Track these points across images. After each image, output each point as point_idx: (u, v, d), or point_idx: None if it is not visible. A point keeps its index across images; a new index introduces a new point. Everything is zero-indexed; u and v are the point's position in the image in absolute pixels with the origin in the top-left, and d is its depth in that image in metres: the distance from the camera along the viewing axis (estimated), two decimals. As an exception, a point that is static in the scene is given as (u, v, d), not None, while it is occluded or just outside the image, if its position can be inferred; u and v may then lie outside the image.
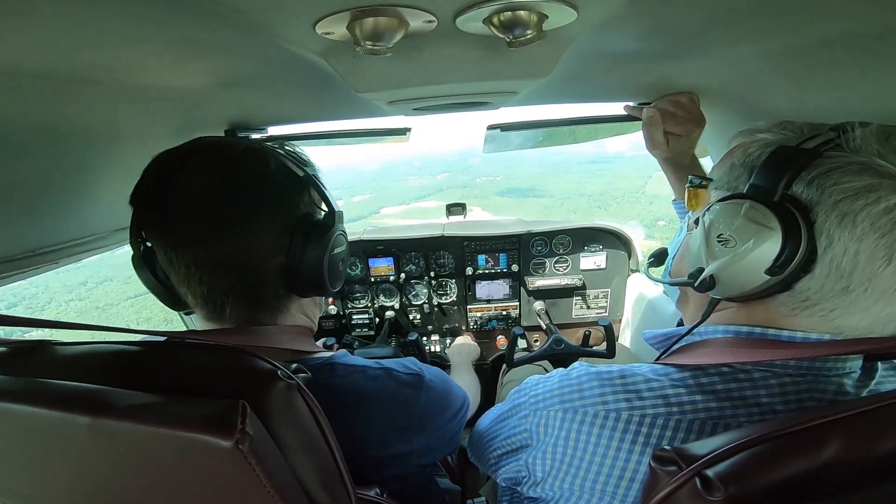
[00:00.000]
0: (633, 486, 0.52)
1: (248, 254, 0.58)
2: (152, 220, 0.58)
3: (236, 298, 0.59)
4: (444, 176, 62.71)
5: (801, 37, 0.64)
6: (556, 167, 74.16)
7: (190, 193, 0.55)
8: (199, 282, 0.58)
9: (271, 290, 0.61)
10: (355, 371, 0.64)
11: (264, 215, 0.58)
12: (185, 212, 0.55)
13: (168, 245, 0.57)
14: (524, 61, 0.65)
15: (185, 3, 0.43)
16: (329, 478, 0.47)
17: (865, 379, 0.53)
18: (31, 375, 0.44)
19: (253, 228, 0.57)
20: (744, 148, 0.55)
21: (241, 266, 0.58)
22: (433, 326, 1.92)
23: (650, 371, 0.56)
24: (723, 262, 0.51)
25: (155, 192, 0.57)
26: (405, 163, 70.33)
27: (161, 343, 0.50)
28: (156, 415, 0.38)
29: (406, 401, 0.65)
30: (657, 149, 1.02)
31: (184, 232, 0.56)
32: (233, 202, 0.56)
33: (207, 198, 0.56)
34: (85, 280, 31.28)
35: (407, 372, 0.67)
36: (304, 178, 0.61)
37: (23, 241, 0.75)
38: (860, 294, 0.45)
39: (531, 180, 66.81)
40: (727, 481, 0.36)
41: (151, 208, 0.57)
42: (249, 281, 0.59)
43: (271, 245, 0.59)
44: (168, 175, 0.57)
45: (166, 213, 0.56)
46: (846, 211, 0.44)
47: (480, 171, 74.34)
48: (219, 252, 0.56)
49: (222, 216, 0.56)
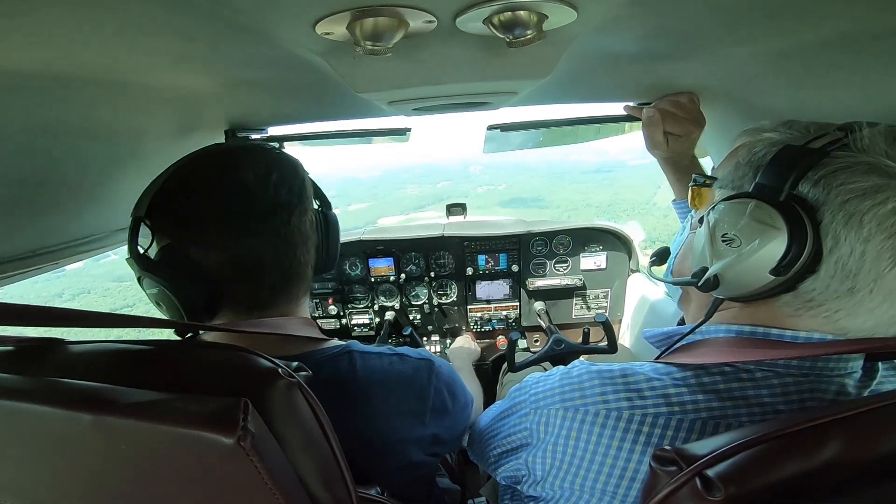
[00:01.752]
0: (634, 485, 0.52)
1: (287, 248, 0.63)
2: (190, 227, 0.59)
3: (272, 293, 0.63)
4: (444, 185, 61.83)
5: (801, 37, 0.64)
6: (561, 177, 72.49)
7: (238, 193, 0.59)
8: (233, 280, 0.60)
9: (302, 279, 0.67)
10: (371, 356, 0.66)
11: (301, 210, 0.64)
12: (232, 213, 0.58)
13: (209, 249, 0.59)
14: (524, 61, 0.65)
15: (185, 3, 0.43)
16: (330, 475, 0.47)
17: (867, 379, 0.53)
18: (40, 374, 0.44)
19: (292, 221, 0.63)
20: (749, 147, 0.54)
21: (272, 261, 0.62)
22: (433, 327, 1.92)
23: (651, 370, 0.56)
24: (727, 262, 0.51)
25: (197, 197, 0.59)
26: (405, 170, 69.02)
27: (164, 342, 0.50)
28: (158, 412, 0.38)
29: (421, 385, 0.68)
30: (657, 149, 1.02)
31: (221, 230, 0.58)
32: (276, 198, 0.61)
33: (256, 195, 0.59)
34: (61, 291, 30.70)
35: (418, 356, 0.70)
36: (301, 176, 0.67)
37: (23, 242, 0.75)
38: (866, 295, 0.45)
39: (534, 190, 65.58)
40: (727, 481, 0.36)
41: (189, 215, 0.58)
42: (286, 274, 0.64)
43: (305, 237, 0.65)
44: (208, 179, 0.60)
45: (212, 217, 0.58)
46: (853, 211, 0.43)
47: (482, 180, 72.93)
48: (247, 252, 0.59)
49: (267, 212, 0.60)
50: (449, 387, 0.72)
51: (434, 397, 0.68)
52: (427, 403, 0.67)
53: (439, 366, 0.71)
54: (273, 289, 0.63)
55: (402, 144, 1.34)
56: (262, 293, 0.62)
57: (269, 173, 0.61)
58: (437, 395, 0.68)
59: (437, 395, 0.68)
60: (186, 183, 0.59)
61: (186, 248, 0.58)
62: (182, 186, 0.59)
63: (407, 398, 0.65)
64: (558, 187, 66.45)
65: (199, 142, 1.09)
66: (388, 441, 0.63)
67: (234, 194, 0.59)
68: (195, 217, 0.58)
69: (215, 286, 0.59)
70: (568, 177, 69.04)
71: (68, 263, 0.90)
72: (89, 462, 0.44)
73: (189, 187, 0.59)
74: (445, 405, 0.70)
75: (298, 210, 0.64)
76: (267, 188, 0.60)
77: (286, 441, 0.43)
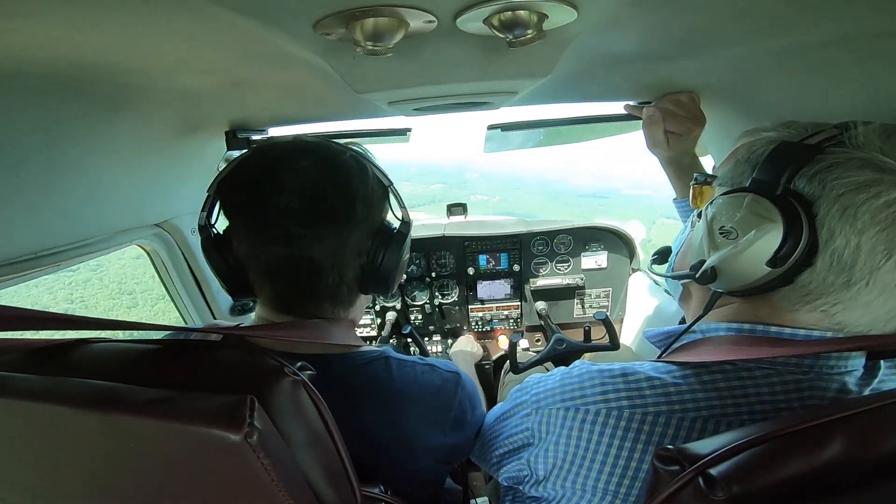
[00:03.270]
0: (636, 484, 0.52)
1: (338, 252, 0.61)
2: (251, 213, 0.59)
3: (315, 296, 0.63)
4: (438, 187, 60.58)
5: (801, 37, 0.64)
6: (557, 196, 70.59)
7: (296, 193, 0.57)
8: (283, 277, 0.61)
9: (349, 287, 0.65)
10: (407, 365, 0.67)
11: (359, 220, 0.61)
12: (287, 211, 0.57)
13: (257, 239, 0.59)
14: (524, 61, 0.65)
15: (185, 3, 0.43)
16: (334, 473, 0.47)
17: (868, 377, 0.53)
18: (50, 374, 0.44)
19: (348, 231, 0.61)
20: (748, 146, 0.55)
21: (329, 265, 0.61)
22: (434, 327, 1.92)
23: (652, 369, 0.56)
24: (724, 253, 0.52)
25: (262, 187, 0.58)
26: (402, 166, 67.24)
27: (173, 341, 0.51)
28: (165, 410, 0.39)
29: (447, 396, 0.69)
30: (657, 148, 1.02)
31: (280, 230, 0.58)
32: (334, 205, 0.59)
33: (313, 199, 0.58)
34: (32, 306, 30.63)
35: (446, 369, 0.71)
36: (388, 187, 0.66)
37: (24, 244, 0.75)
38: (862, 288, 0.45)
39: (529, 206, 63.91)
40: (730, 480, 0.36)
41: (253, 201, 0.59)
42: (333, 279, 0.62)
43: (359, 247, 0.63)
44: (277, 170, 0.58)
45: (265, 210, 0.57)
46: (847, 204, 0.44)
47: (477, 188, 70.51)
48: (312, 250, 0.59)
49: (326, 218, 0.58)
50: (471, 400, 0.73)
51: (457, 409, 0.69)
52: (450, 414, 0.68)
53: (465, 379, 0.73)
54: (318, 295, 0.63)
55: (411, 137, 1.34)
56: (299, 290, 0.63)
57: (341, 181, 0.60)
58: (459, 407, 0.70)
59: (459, 407, 0.70)
60: (263, 175, 0.59)
61: (244, 242, 0.61)
62: (260, 177, 0.59)
63: (433, 408, 0.67)
64: (553, 207, 65.40)
65: (199, 142, 1.09)
66: (408, 447, 0.65)
67: (307, 200, 0.58)
68: (258, 218, 0.59)
69: (260, 281, 0.62)
70: (564, 197, 67.24)
71: (69, 265, 0.90)
72: (97, 460, 0.45)
73: (266, 178, 0.59)
74: (465, 417, 0.71)
75: (361, 222, 0.62)
76: (337, 196, 0.59)
77: (291, 438, 0.43)
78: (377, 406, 0.62)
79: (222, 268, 0.63)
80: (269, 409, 0.41)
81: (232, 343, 0.48)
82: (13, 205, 0.70)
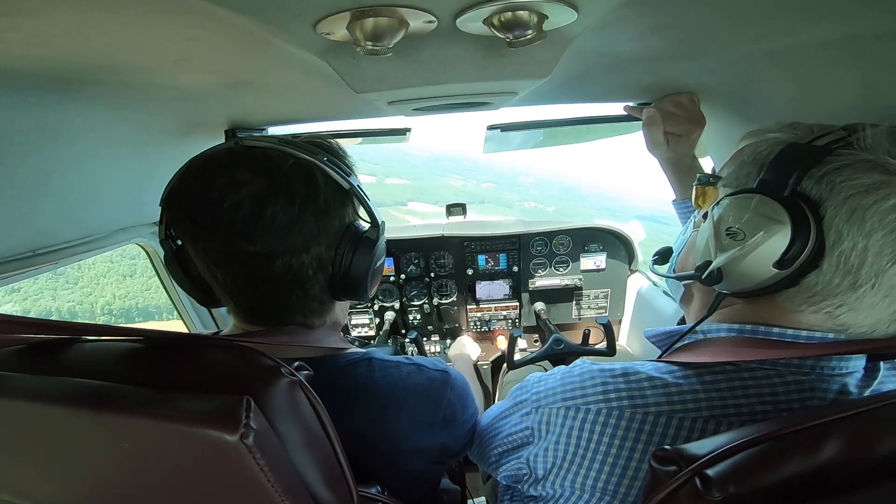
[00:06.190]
0: (635, 484, 0.52)
1: (296, 269, 0.58)
2: (194, 231, 0.57)
3: (284, 310, 0.61)
4: (489, 186, 57.27)
5: (801, 37, 0.64)
6: (614, 214, 63.55)
7: (239, 209, 0.53)
8: (243, 294, 0.59)
9: (317, 299, 0.63)
10: (391, 366, 0.66)
11: (313, 231, 0.58)
12: (232, 228, 0.54)
13: (211, 259, 0.57)
14: (524, 61, 0.65)
15: (185, 3, 0.43)
16: (331, 474, 0.47)
17: (868, 379, 0.53)
18: (45, 373, 0.44)
19: (302, 244, 0.57)
20: (754, 146, 0.55)
21: (289, 281, 0.58)
22: (433, 327, 1.92)
23: (653, 369, 0.56)
24: (731, 255, 0.52)
25: (199, 204, 0.55)
26: (453, 159, 62.36)
27: (167, 341, 0.50)
28: (161, 410, 0.38)
29: (435, 396, 0.67)
30: (657, 149, 1.02)
31: (230, 248, 0.55)
32: (283, 218, 0.55)
33: (257, 214, 0.54)
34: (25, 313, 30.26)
35: (435, 368, 0.70)
36: (349, 191, 0.60)
37: (23, 242, 0.75)
38: (867, 290, 0.45)
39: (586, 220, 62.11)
40: (727, 481, 0.36)
41: (193, 220, 0.55)
42: (297, 293, 0.60)
43: (319, 258, 0.59)
44: (213, 186, 0.54)
45: (211, 227, 0.54)
46: (855, 206, 0.44)
47: (531, 194, 64.67)
48: (266, 269, 0.56)
49: (272, 233, 0.54)
50: (461, 399, 0.72)
51: (446, 408, 0.68)
52: (439, 414, 0.67)
53: (454, 377, 0.71)
54: (286, 308, 0.61)
55: (463, 130, 1.32)
56: (264, 306, 0.61)
57: (286, 193, 0.55)
58: (449, 407, 0.68)
59: (449, 407, 0.68)
60: (203, 190, 0.55)
61: (200, 260, 0.59)
62: (200, 194, 0.56)
63: (420, 408, 0.66)
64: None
65: (199, 142, 1.09)
66: (398, 448, 0.64)
67: (251, 215, 0.54)
68: (205, 237, 0.56)
69: (224, 297, 0.61)
70: (620, 215, 63.04)
71: (68, 263, 0.90)
72: (93, 459, 0.44)
73: (206, 194, 0.55)
74: (456, 416, 0.70)
75: (319, 235, 0.58)
76: (284, 210, 0.55)
77: (287, 438, 0.43)
78: (361, 409, 0.62)
79: (185, 282, 0.62)
80: (265, 409, 0.40)
81: (227, 343, 0.47)
82: (12, 202, 0.70)
